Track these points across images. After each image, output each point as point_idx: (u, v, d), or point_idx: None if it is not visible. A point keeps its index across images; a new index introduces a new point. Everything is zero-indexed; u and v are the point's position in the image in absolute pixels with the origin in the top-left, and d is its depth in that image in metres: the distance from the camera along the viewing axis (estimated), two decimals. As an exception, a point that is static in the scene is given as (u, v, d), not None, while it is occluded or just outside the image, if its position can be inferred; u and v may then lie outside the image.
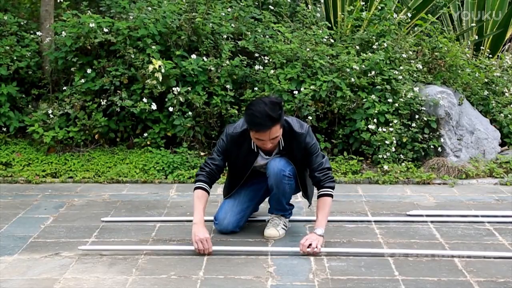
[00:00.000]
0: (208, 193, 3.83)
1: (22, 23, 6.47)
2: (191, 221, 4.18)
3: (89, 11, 6.14)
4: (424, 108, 5.74)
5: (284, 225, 3.99)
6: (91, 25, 5.73)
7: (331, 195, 3.78)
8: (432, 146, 5.67)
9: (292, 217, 4.29)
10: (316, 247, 3.58)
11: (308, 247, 3.58)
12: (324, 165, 3.81)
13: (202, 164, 3.90)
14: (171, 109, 5.64)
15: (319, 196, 3.78)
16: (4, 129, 5.88)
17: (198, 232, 3.62)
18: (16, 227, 4.11)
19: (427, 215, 4.32)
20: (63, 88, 5.92)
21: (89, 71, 5.78)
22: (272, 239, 3.87)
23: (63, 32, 5.90)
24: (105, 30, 5.81)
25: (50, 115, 5.72)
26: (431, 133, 5.74)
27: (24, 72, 6.04)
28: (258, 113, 3.57)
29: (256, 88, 5.76)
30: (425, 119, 5.71)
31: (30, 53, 6.05)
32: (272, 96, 4.76)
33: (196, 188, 3.82)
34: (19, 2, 7.22)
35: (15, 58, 5.96)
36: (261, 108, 3.58)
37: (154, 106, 5.62)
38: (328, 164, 3.86)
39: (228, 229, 3.97)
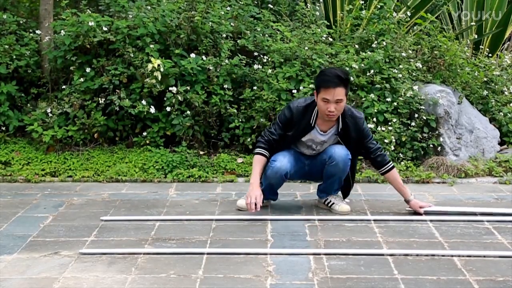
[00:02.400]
0: (267, 158, 4.28)
1: (21, 22, 6.46)
2: (190, 220, 4.22)
3: (88, 10, 6.14)
4: (424, 107, 5.74)
5: (341, 199, 4.50)
6: (90, 24, 5.73)
7: (393, 167, 4.38)
8: (431, 145, 5.67)
9: (291, 217, 4.30)
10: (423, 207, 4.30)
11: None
12: (377, 147, 4.35)
13: (262, 134, 4.36)
14: (169, 108, 5.64)
15: (385, 173, 4.36)
16: (4, 128, 5.88)
17: (252, 191, 4.17)
18: (16, 226, 4.11)
19: (425, 212, 4.33)
20: (62, 87, 5.92)
21: (88, 70, 5.78)
22: (346, 213, 4.33)
23: (62, 31, 5.90)
24: (104, 29, 5.81)
25: (49, 114, 5.72)
26: (430, 132, 5.74)
27: (24, 71, 6.03)
28: (328, 72, 4.14)
29: (255, 87, 5.76)
30: (425, 118, 5.71)
31: (29, 52, 6.05)
32: None
33: (255, 153, 4.30)
34: (18, 1, 7.21)
35: (14, 57, 5.96)
36: (332, 70, 4.21)
37: (152, 110, 5.62)
38: (379, 145, 4.40)
39: (282, 171, 4.26)
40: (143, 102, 5.62)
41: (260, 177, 4.28)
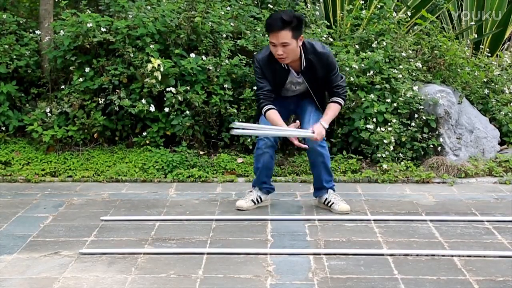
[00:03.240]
0: (275, 108, 4.28)
1: (21, 22, 6.46)
2: (190, 220, 4.22)
3: (88, 10, 6.14)
4: (424, 107, 5.74)
5: (341, 199, 4.46)
6: (90, 24, 5.72)
7: (340, 104, 4.33)
8: (431, 145, 5.67)
9: (292, 217, 4.30)
10: (321, 135, 4.18)
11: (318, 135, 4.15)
12: (341, 84, 4.32)
13: (256, 95, 4.40)
14: (167, 109, 5.63)
15: (329, 103, 4.33)
16: (3, 128, 5.88)
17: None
18: (16, 226, 4.11)
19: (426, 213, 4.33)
20: (62, 87, 5.92)
21: (87, 69, 5.77)
22: (346, 213, 4.33)
23: (62, 31, 5.89)
24: (104, 29, 5.81)
25: (49, 114, 5.72)
26: (430, 132, 5.74)
27: (23, 71, 6.03)
28: (273, 16, 4.16)
29: (255, 88, 5.75)
30: (424, 118, 5.71)
31: (29, 52, 6.05)
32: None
33: (266, 111, 4.28)
34: (18, 1, 7.21)
35: (14, 57, 5.96)
36: (278, 13, 4.17)
37: (152, 108, 5.62)
38: (345, 83, 4.39)
39: (271, 140, 4.38)
40: (143, 101, 5.62)
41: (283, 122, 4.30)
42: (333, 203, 4.42)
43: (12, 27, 6.21)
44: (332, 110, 4.32)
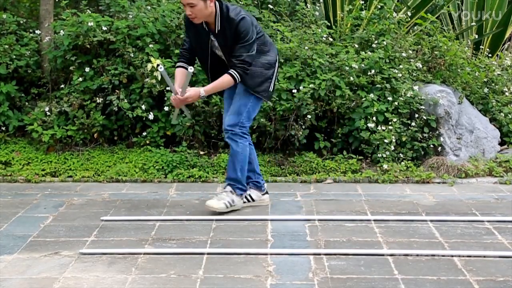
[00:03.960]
0: (186, 68, 4.23)
1: (21, 22, 6.46)
2: (190, 220, 4.22)
3: (88, 10, 6.14)
4: (424, 107, 5.74)
5: (229, 202, 4.33)
6: (90, 24, 5.73)
7: (233, 77, 4.13)
8: (431, 145, 5.67)
9: (291, 217, 4.30)
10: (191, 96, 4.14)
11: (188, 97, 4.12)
12: (244, 58, 4.13)
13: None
14: (167, 109, 5.63)
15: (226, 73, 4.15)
16: (4, 128, 5.88)
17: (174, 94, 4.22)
18: (16, 226, 4.11)
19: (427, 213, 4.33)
20: (62, 87, 5.92)
21: (87, 69, 5.77)
22: (212, 210, 4.25)
23: (62, 31, 5.90)
24: (104, 29, 5.81)
25: (48, 113, 5.72)
26: (430, 132, 5.74)
27: (24, 71, 6.03)
28: None
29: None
30: (425, 118, 5.71)
31: (29, 52, 6.05)
32: None
33: (176, 67, 4.37)
34: (18, 1, 7.21)
35: (14, 57, 5.96)
36: None
37: (151, 116, 5.61)
38: (250, 59, 4.15)
39: (224, 126, 4.38)
40: (143, 107, 5.62)
41: (180, 84, 4.25)
42: (217, 196, 4.40)
43: (12, 27, 6.21)
44: (220, 81, 4.17)
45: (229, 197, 4.38)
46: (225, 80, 4.16)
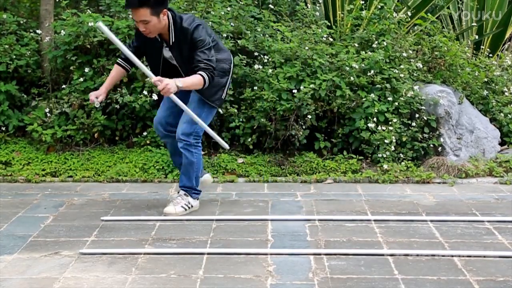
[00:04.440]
0: (125, 69, 4.38)
1: (21, 22, 6.46)
2: (190, 220, 4.23)
3: (88, 10, 6.14)
4: (424, 107, 5.74)
5: (186, 205, 4.36)
6: (90, 24, 5.73)
7: (203, 77, 4.01)
8: (432, 145, 5.67)
9: (292, 217, 4.30)
10: (169, 88, 3.89)
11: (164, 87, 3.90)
12: (207, 61, 4.05)
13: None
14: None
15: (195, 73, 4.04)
16: (4, 128, 5.88)
17: (97, 91, 4.29)
18: (16, 226, 4.11)
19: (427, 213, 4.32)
20: (62, 87, 5.92)
21: (87, 69, 5.77)
22: (171, 216, 4.24)
23: (62, 31, 5.90)
24: (105, 29, 5.81)
25: (48, 113, 5.72)
26: (431, 132, 5.74)
27: (24, 70, 6.04)
28: None
29: (255, 87, 5.76)
30: (425, 118, 5.70)
31: (29, 52, 6.05)
32: None
33: (115, 63, 4.40)
34: (18, 1, 7.21)
35: (14, 56, 5.96)
36: None
37: (155, 96, 5.57)
38: (213, 63, 4.08)
39: (156, 125, 4.45)
40: (144, 92, 5.61)
41: (109, 82, 4.36)
42: (172, 202, 4.40)
43: (12, 27, 6.21)
44: (191, 80, 4.01)
45: (184, 200, 4.39)
46: (195, 80, 4.01)
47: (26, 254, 3.61)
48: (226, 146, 4.53)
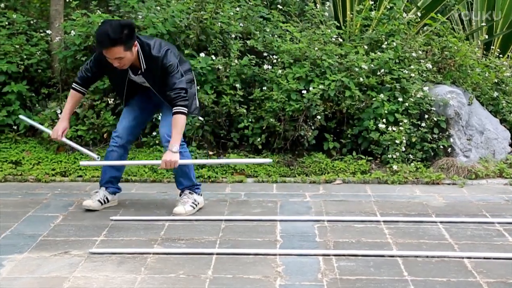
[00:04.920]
0: (82, 93, 4.39)
1: (31, 22, 6.49)
2: (199, 220, 4.23)
3: (98, 11, 6.16)
4: (434, 108, 5.72)
5: (193, 202, 4.37)
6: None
7: (183, 113, 4.10)
8: (441, 146, 5.65)
9: (300, 217, 4.30)
10: (172, 162, 4.08)
11: (165, 164, 4.08)
12: (177, 85, 4.11)
13: (80, 69, 4.42)
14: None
15: (173, 114, 4.10)
16: (14, 128, 5.91)
17: (57, 125, 4.33)
18: (26, 226, 4.13)
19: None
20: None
21: (98, 70, 5.79)
22: (182, 216, 4.25)
23: (72, 31, 5.92)
24: (114, 29, 5.82)
25: (59, 114, 5.74)
26: (440, 133, 5.72)
27: (34, 70, 6.06)
28: (100, 31, 3.99)
29: (264, 88, 5.76)
30: (435, 119, 5.69)
31: (39, 52, 6.08)
32: (127, 19, 5.19)
33: (71, 88, 4.37)
34: (28, 1, 7.24)
35: (24, 56, 5.99)
36: (105, 28, 3.97)
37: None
38: (183, 84, 4.14)
39: (120, 134, 4.38)
40: None
41: (70, 112, 4.39)
42: (180, 202, 4.41)
43: (22, 27, 6.24)
44: (177, 126, 4.10)
45: (191, 198, 4.41)
46: (178, 121, 4.09)
47: (36, 254, 3.62)
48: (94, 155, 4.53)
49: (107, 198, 4.51)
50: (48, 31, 6.24)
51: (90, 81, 4.40)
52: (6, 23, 6.23)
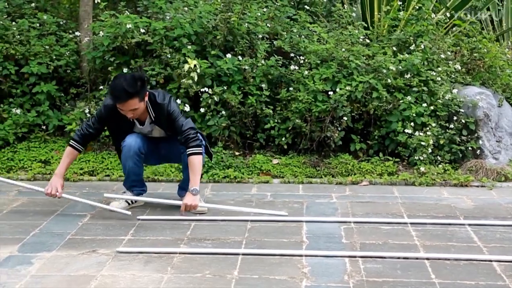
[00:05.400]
0: (79, 151, 4.40)
1: (61, 23, 6.57)
2: (225, 220, 4.23)
3: (126, 11, 6.21)
4: (462, 110, 5.66)
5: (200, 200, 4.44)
6: (128, 25, 5.79)
7: (197, 153, 4.21)
8: (470, 148, 5.59)
9: (327, 218, 4.28)
10: (193, 206, 4.17)
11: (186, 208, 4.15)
12: (184, 127, 4.24)
13: (80, 126, 4.45)
14: (203, 109, 5.67)
15: (187, 156, 4.20)
16: (44, 127, 5.99)
17: (53, 181, 4.28)
18: (54, 224, 4.17)
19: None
20: (100, 87, 6.00)
21: (125, 70, 5.84)
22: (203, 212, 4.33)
23: (101, 32, 5.98)
24: (142, 30, 5.87)
25: (87, 114, 5.80)
26: (469, 135, 5.65)
27: (63, 71, 6.14)
28: (116, 88, 4.10)
29: (291, 88, 5.75)
30: (463, 120, 5.62)
31: (68, 52, 6.15)
32: (137, 72, 5.28)
33: (68, 145, 4.37)
34: (58, 2, 7.33)
35: (54, 57, 6.07)
36: (120, 82, 4.10)
37: (187, 108, 5.63)
38: (191, 124, 4.30)
39: (134, 147, 4.32)
40: (178, 101, 5.65)
41: (65, 169, 4.38)
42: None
43: (52, 28, 6.32)
44: (194, 168, 4.20)
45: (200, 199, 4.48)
46: (194, 162, 4.20)
47: (64, 252, 3.66)
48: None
49: (133, 199, 4.54)
50: (77, 33, 6.31)
51: (90, 138, 4.45)
52: (37, 24, 6.31)
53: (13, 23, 6.24)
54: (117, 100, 4.13)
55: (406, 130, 5.49)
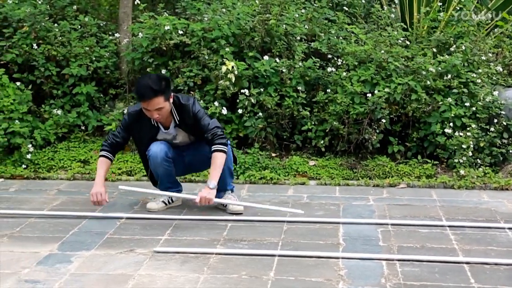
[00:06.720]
0: (111, 160, 4.46)
1: (101, 25, 6.67)
2: (262, 221, 4.24)
3: (165, 13, 6.27)
4: (504, 112, 5.55)
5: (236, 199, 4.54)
6: (166, 27, 5.84)
7: (222, 151, 4.23)
8: (511, 151, 5.48)
9: (364, 220, 4.25)
10: (208, 199, 4.12)
11: (201, 200, 4.11)
12: (211, 126, 4.28)
13: (106, 137, 4.53)
14: (240, 111, 5.68)
15: (211, 153, 4.21)
16: (83, 128, 6.08)
17: (94, 190, 4.31)
18: (93, 223, 4.24)
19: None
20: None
21: (163, 71, 5.89)
22: (239, 213, 4.36)
23: (140, 34, 6.05)
24: (180, 31, 5.92)
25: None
26: (510, 138, 5.55)
27: (102, 72, 6.23)
28: (142, 85, 4.16)
29: (328, 90, 5.73)
30: (504, 123, 5.52)
31: (108, 53, 6.24)
32: (161, 74, 5.40)
33: (100, 156, 4.45)
34: (99, 4, 7.45)
35: (94, 58, 6.16)
36: (145, 81, 4.18)
37: (224, 111, 5.65)
38: (217, 123, 4.34)
39: (161, 153, 4.35)
40: (216, 103, 5.67)
41: (103, 178, 4.40)
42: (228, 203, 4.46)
43: (93, 29, 6.42)
44: (216, 163, 4.21)
45: (235, 197, 4.56)
46: (217, 158, 4.21)
47: (102, 251, 3.71)
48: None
49: (171, 199, 4.57)
50: (117, 34, 6.40)
51: (117, 147, 4.50)
52: (78, 26, 6.42)
53: (55, 24, 6.35)
54: (142, 98, 4.16)
55: (446, 130, 5.41)
